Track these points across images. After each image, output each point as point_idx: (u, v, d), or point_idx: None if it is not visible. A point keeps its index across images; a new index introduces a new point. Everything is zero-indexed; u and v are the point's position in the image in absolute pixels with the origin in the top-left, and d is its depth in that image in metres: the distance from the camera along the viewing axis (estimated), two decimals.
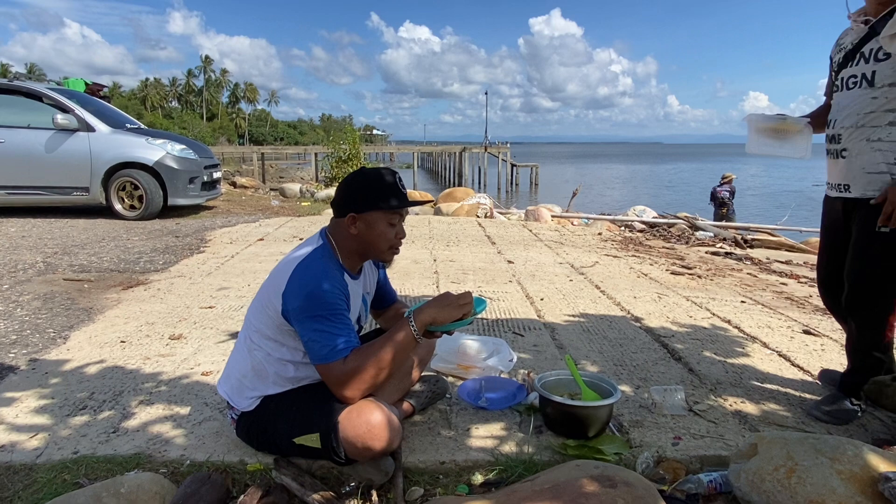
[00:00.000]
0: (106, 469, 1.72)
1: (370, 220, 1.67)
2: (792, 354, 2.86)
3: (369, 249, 1.72)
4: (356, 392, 1.58)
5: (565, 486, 1.35)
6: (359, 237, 1.69)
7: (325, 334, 1.56)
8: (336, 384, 1.58)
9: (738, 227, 9.60)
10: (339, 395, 1.59)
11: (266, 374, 1.69)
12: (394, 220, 1.70)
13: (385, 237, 1.69)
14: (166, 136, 8.13)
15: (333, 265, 1.67)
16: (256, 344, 1.70)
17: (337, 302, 1.59)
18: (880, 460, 1.48)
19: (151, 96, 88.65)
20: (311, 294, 1.57)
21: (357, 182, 1.70)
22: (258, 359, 1.69)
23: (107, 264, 4.76)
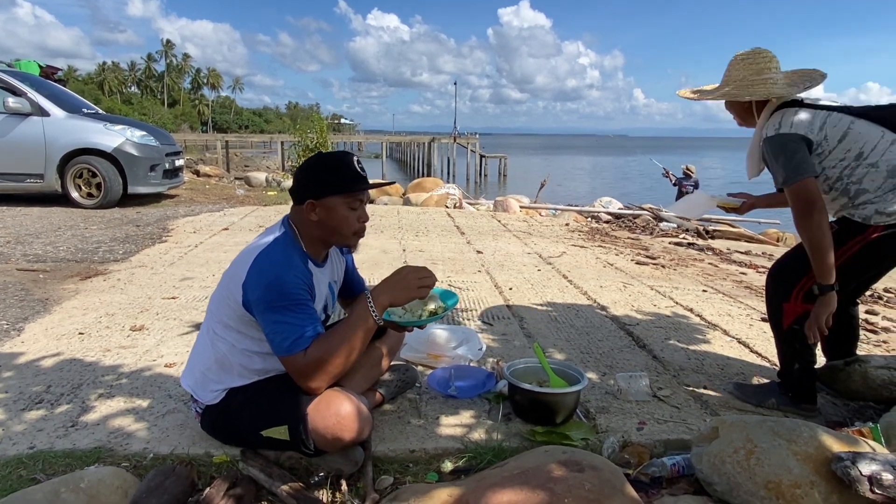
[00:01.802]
0: (64, 464, 1.67)
1: (330, 205, 1.62)
2: (751, 341, 2.95)
3: (332, 236, 1.68)
4: (321, 382, 1.55)
5: (534, 471, 1.37)
6: (320, 224, 1.65)
7: (287, 325, 1.53)
8: (300, 376, 1.55)
9: (701, 219, 9.83)
10: (304, 386, 1.55)
11: (230, 365, 1.65)
12: (354, 205, 1.65)
13: (347, 222, 1.65)
14: (126, 121, 7.88)
15: (296, 253, 1.63)
16: (220, 335, 1.66)
17: (298, 292, 1.56)
18: (834, 441, 1.54)
19: (109, 81, 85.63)
20: (271, 285, 1.53)
21: (314, 167, 1.65)
22: (222, 351, 1.65)
23: (63, 254, 4.60)
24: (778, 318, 2.16)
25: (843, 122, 1.98)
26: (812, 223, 1.92)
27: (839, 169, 1.99)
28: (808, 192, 1.93)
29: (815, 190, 1.93)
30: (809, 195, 1.92)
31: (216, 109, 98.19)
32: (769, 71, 2.08)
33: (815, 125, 1.98)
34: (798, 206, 1.95)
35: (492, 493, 1.31)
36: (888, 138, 1.96)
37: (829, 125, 1.98)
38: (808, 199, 1.92)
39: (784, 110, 2.03)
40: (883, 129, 1.97)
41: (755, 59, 2.10)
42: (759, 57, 2.10)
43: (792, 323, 2.10)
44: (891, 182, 1.94)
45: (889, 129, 1.97)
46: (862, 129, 1.97)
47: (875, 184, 1.95)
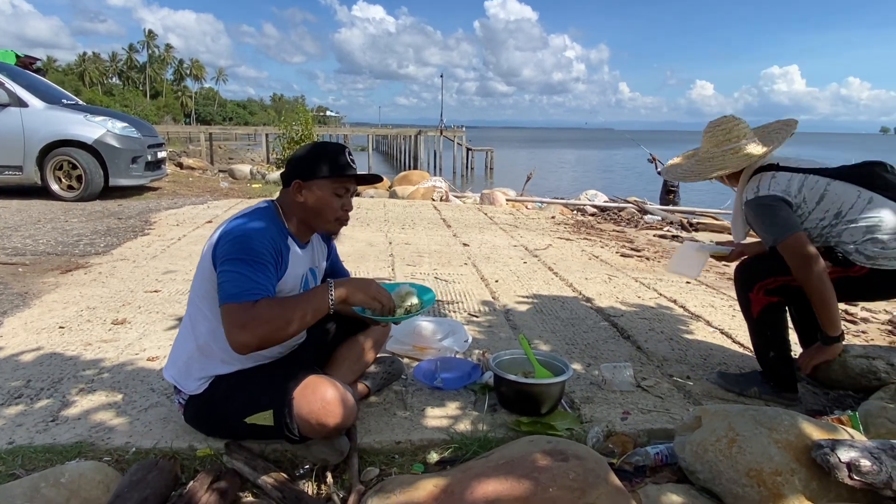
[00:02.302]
0: (45, 459, 1.64)
1: (316, 188, 1.65)
2: (733, 332, 2.98)
3: (315, 219, 1.69)
4: (253, 338, 1.44)
5: (519, 461, 1.37)
6: (304, 205, 1.67)
7: (242, 276, 1.48)
8: (236, 325, 1.44)
9: (684, 212, 9.91)
10: (234, 338, 1.45)
11: (212, 351, 1.64)
12: (340, 191, 1.67)
13: (330, 206, 1.67)
14: (107, 113, 7.75)
15: (274, 225, 1.64)
16: (200, 317, 1.65)
17: (263, 251, 1.53)
18: (814, 429, 1.57)
19: (90, 72, 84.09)
20: (238, 238, 1.53)
21: (305, 151, 1.70)
22: (203, 334, 1.64)
23: (43, 247, 4.52)
24: (747, 307, 2.21)
25: (819, 183, 2.04)
26: (813, 275, 1.95)
27: (819, 228, 2.05)
28: (800, 245, 1.96)
29: (806, 242, 1.97)
30: (802, 248, 1.96)
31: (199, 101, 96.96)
32: (729, 142, 2.17)
33: (792, 188, 2.04)
34: (795, 261, 1.98)
35: (477, 483, 1.31)
36: (864, 197, 2.01)
37: (806, 187, 2.04)
38: (801, 252, 1.96)
39: (761, 175, 2.10)
40: (859, 188, 2.03)
41: (714, 133, 2.21)
42: (717, 130, 2.20)
43: (761, 311, 2.14)
44: (870, 236, 1.99)
45: (865, 187, 2.03)
46: (838, 189, 2.03)
47: (854, 237, 2.00)
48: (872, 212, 2.00)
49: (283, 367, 1.73)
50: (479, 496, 1.27)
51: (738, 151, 2.15)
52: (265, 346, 1.50)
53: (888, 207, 2.01)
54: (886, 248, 1.98)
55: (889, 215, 2.00)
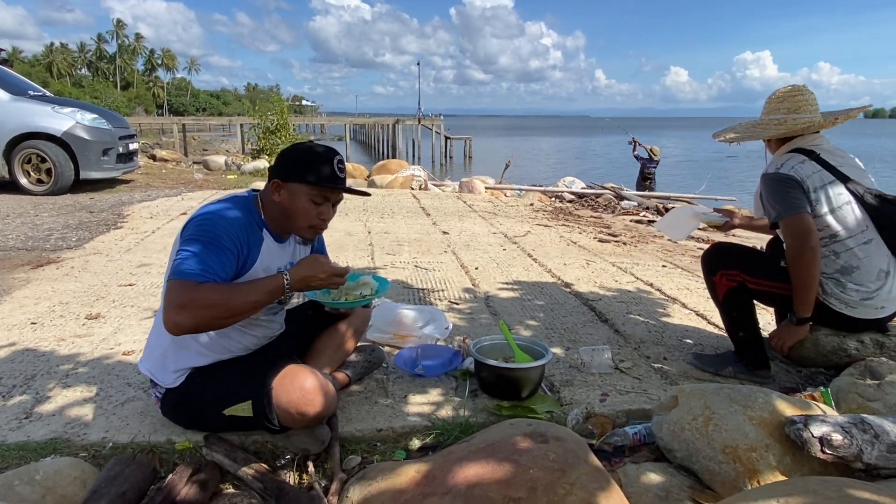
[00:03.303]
0: (18, 456, 1.61)
1: (293, 191, 1.60)
2: (709, 314, 3.03)
3: (288, 221, 1.65)
4: (189, 320, 1.37)
5: (500, 444, 1.38)
6: (280, 205, 1.62)
7: (193, 255, 1.43)
8: (174, 304, 1.37)
9: (660, 197, 10.03)
10: (169, 317, 1.37)
11: (188, 343, 1.61)
12: (318, 199, 1.61)
13: (305, 213, 1.61)
14: (76, 104, 7.56)
15: (249, 215, 1.61)
16: None
17: (223, 237, 1.49)
18: (787, 406, 1.60)
19: (58, 63, 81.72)
20: (202, 221, 1.51)
21: (295, 151, 1.64)
22: None
23: (13, 242, 4.41)
24: (713, 290, 2.27)
25: (841, 197, 2.01)
26: (804, 257, 1.97)
27: None
28: (803, 225, 1.97)
29: (809, 224, 1.97)
30: (803, 229, 1.96)
31: (172, 92, 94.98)
32: (778, 111, 2.14)
33: (813, 182, 2.00)
34: (791, 240, 2.00)
35: (459, 467, 1.32)
36: (867, 235, 2.01)
37: (823, 192, 2.01)
38: (801, 233, 1.97)
39: (793, 154, 2.07)
40: (869, 222, 2.01)
41: (784, 99, 2.15)
42: (772, 99, 2.17)
43: (726, 294, 2.19)
44: (838, 275, 2.03)
45: (878, 224, 2.01)
46: (852, 214, 2.01)
47: (828, 268, 2.03)
48: (861, 252, 2.01)
49: (261, 358, 1.71)
50: (461, 480, 1.28)
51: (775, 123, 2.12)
52: (201, 330, 1.44)
53: (879, 256, 2.01)
54: (844, 292, 2.02)
55: (871, 265, 2.01)
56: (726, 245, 2.34)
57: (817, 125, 2.12)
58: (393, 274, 3.69)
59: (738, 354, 2.27)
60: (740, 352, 2.26)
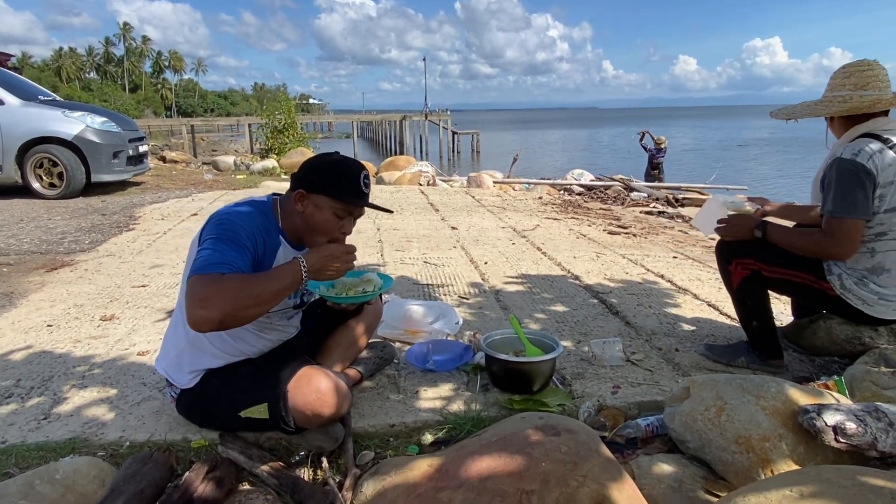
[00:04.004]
0: (38, 456, 1.64)
1: (317, 203, 1.59)
2: (720, 304, 3.01)
3: (309, 233, 1.64)
4: (216, 312, 1.31)
5: (512, 437, 1.39)
6: (302, 217, 1.62)
7: (212, 251, 1.41)
8: (196, 300, 1.32)
9: (670, 188, 9.97)
10: (192, 313, 1.32)
11: (203, 344, 1.63)
12: (341, 213, 1.61)
13: (327, 227, 1.61)
14: (85, 108, 7.63)
15: (266, 219, 1.61)
16: None
17: (242, 234, 1.49)
18: (800, 395, 1.60)
19: (67, 67, 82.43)
20: (220, 220, 1.50)
21: (320, 162, 1.63)
22: (193, 332, 1.62)
23: (27, 246, 4.47)
24: (727, 279, 2.24)
25: None
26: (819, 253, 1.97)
27: None
28: (853, 233, 1.89)
29: (858, 235, 1.90)
30: (851, 238, 1.90)
31: (180, 93, 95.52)
32: (843, 87, 2.01)
33: (887, 176, 1.88)
34: (829, 239, 1.93)
35: (471, 461, 1.32)
36: None
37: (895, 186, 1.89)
38: (845, 240, 1.90)
39: (869, 139, 1.92)
40: None
41: (835, 76, 2.05)
42: (838, 74, 2.05)
43: (741, 283, 2.17)
44: (869, 274, 1.97)
45: None
46: None
47: (859, 264, 1.98)
48: None
49: (274, 360, 1.71)
50: (474, 473, 1.29)
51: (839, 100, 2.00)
52: (226, 323, 1.35)
53: None
54: (865, 290, 1.97)
55: None
56: None
57: (886, 103, 1.97)
58: (402, 270, 3.70)
59: (751, 344, 2.26)
60: (753, 342, 2.25)
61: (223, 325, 1.35)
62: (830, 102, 2.03)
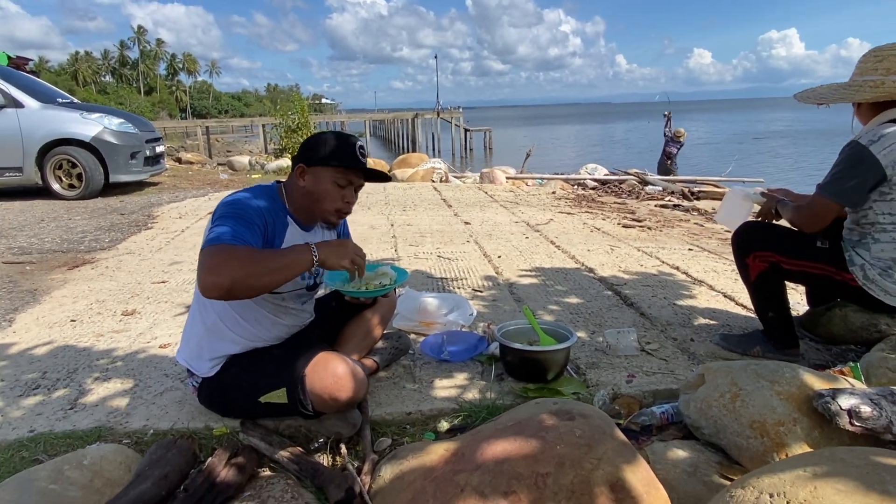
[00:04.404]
0: (66, 444, 1.69)
1: (318, 175, 1.65)
2: (736, 295, 3.00)
3: (314, 206, 1.69)
4: (225, 278, 1.35)
5: (527, 422, 1.41)
6: (305, 190, 1.67)
7: (225, 228, 1.47)
8: (207, 266, 1.38)
9: (685, 181, 9.89)
10: (203, 279, 1.37)
11: (221, 331, 1.68)
12: (342, 182, 1.66)
13: (330, 196, 1.66)
14: (102, 109, 7.76)
15: (273, 202, 1.66)
16: (207, 304, 1.68)
17: (252, 214, 1.54)
18: (815, 380, 1.59)
19: (83, 71, 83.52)
20: (229, 203, 1.56)
21: (317, 137, 1.70)
22: (211, 315, 1.68)
23: (49, 245, 4.56)
24: (744, 272, 2.22)
25: None
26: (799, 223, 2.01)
27: (879, 217, 1.94)
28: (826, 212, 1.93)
29: (830, 215, 1.93)
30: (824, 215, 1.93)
31: (194, 95, 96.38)
32: (875, 72, 1.94)
33: None
34: (808, 212, 1.97)
35: (487, 445, 1.34)
36: None
37: None
38: (819, 217, 1.94)
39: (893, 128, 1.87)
40: None
41: (865, 59, 1.99)
42: (868, 58, 1.98)
43: (758, 275, 2.15)
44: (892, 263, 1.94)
45: None
46: None
47: (882, 253, 1.96)
48: None
49: (293, 346, 1.76)
50: (489, 456, 1.31)
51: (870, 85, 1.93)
52: (235, 292, 1.38)
53: None
54: (888, 281, 1.94)
55: None
56: (759, 225, 2.26)
57: None
58: (416, 264, 3.72)
59: (767, 334, 2.25)
60: (769, 331, 2.24)
61: (231, 293, 1.39)
62: (860, 87, 1.97)
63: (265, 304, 1.72)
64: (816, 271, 2.06)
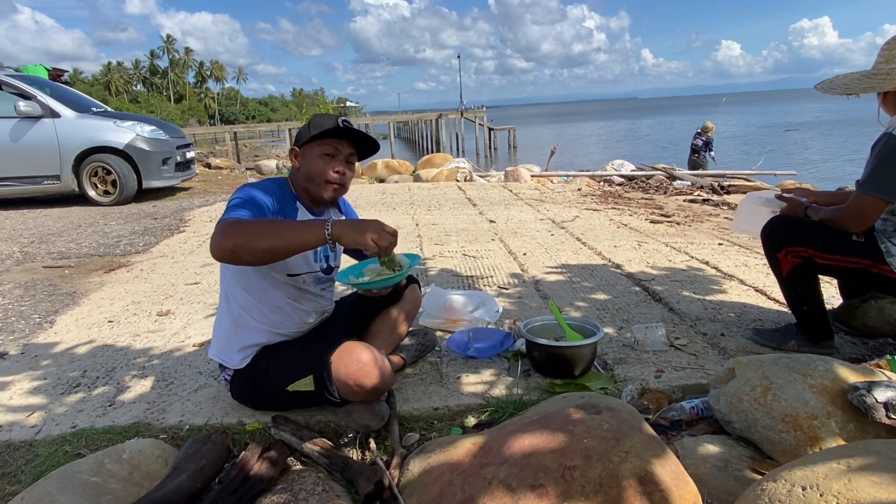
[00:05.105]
0: (106, 439, 1.75)
1: (307, 153, 1.74)
2: (768, 289, 2.94)
3: (310, 184, 1.75)
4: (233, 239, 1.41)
5: (553, 415, 1.41)
6: (301, 171, 1.76)
7: (237, 209, 1.56)
8: (221, 231, 1.44)
9: (715, 175, 9.71)
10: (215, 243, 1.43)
11: (246, 321, 1.74)
12: (328, 151, 1.72)
13: (319, 170, 1.72)
14: (135, 117, 7.96)
15: (281, 191, 1.74)
16: (231, 289, 1.75)
17: (263, 199, 1.62)
18: (850, 373, 1.56)
19: (115, 81, 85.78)
20: (241, 192, 1.63)
21: (306, 124, 1.79)
22: (236, 307, 1.75)
23: (86, 250, 4.71)
24: (776, 267, 2.16)
25: None
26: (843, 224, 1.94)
27: None
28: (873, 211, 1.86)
29: (876, 213, 1.87)
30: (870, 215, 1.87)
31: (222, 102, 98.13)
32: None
33: None
34: (851, 212, 1.91)
35: (514, 439, 1.35)
36: None
37: None
38: (864, 216, 1.88)
39: None
40: None
41: (890, 45, 1.93)
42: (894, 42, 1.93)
43: (791, 271, 2.10)
44: None
45: None
46: None
47: None
48: None
49: (319, 336, 1.82)
50: (517, 450, 1.32)
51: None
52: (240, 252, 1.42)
53: None
54: None
55: None
56: (790, 219, 2.17)
57: None
58: (442, 263, 3.74)
59: (801, 327, 2.20)
60: (802, 324, 2.19)
61: (235, 255, 1.44)
62: (887, 75, 1.90)
63: (284, 287, 1.76)
64: (853, 265, 2.00)
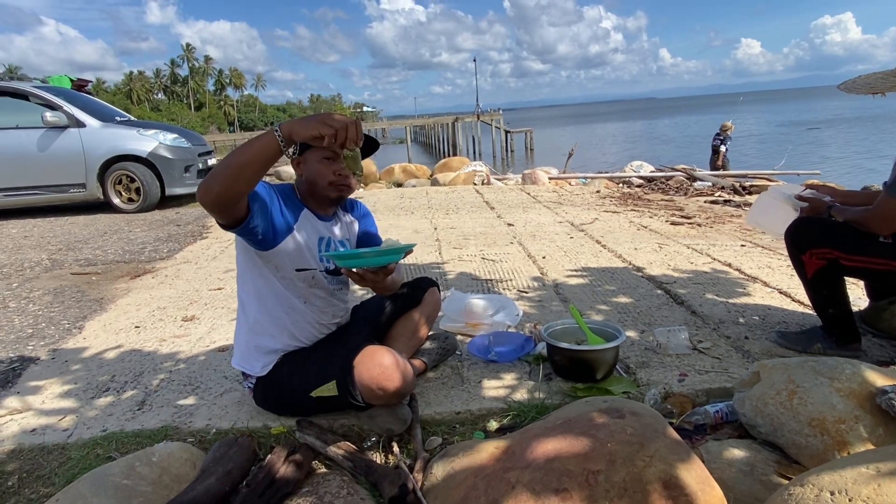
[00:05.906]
0: (135, 442, 1.79)
1: (308, 159, 1.76)
2: (793, 291, 2.91)
3: (314, 189, 1.78)
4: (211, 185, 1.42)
5: (576, 420, 1.41)
6: (305, 179, 1.78)
7: None
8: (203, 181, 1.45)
9: (736, 175, 9.60)
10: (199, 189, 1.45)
11: (261, 327, 1.77)
12: (328, 155, 1.73)
13: (321, 173, 1.74)
14: (157, 126, 8.10)
15: (287, 197, 1.76)
16: (246, 292, 1.79)
17: (263, 193, 1.62)
18: (878, 376, 1.54)
19: (137, 90, 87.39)
20: None
21: None
22: (252, 313, 1.77)
23: (112, 256, 4.81)
24: (800, 269, 2.14)
25: None
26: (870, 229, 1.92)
27: None
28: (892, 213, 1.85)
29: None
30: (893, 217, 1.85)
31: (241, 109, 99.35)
32: None
33: None
34: (878, 215, 1.89)
35: (537, 443, 1.36)
36: None
37: None
38: (890, 220, 1.86)
39: None
40: None
41: None
42: None
43: (815, 273, 2.07)
44: None
45: None
46: None
47: None
48: None
49: (341, 341, 1.84)
50: (540, 454, 1.32)
51: None
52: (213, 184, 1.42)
53: None
54: None
55: None
56: (814, 221, 2.14)
57: None
58: (461, 267, 3.75)
59: (827, 330, 2.17)
60: (828, 327, 2.16)
61: (220, 196, 1.43)
62: None
63: (293, 287, 1.77)
64: (879, 267, 1.97)
